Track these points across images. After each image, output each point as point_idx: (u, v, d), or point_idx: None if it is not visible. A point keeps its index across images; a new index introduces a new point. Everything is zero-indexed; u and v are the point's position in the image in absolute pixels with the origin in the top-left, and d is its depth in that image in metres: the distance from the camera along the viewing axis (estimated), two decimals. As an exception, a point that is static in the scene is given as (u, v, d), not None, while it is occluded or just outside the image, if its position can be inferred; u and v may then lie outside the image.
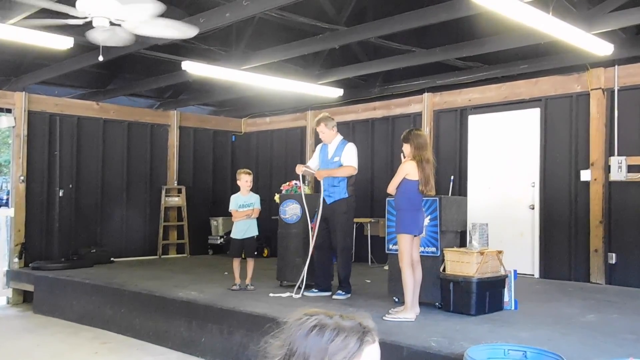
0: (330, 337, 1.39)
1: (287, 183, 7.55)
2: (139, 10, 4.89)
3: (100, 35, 5.48)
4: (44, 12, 5.67)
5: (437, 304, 5.86)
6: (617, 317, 5.66)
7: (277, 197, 7.47)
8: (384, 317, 5.32)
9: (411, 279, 5.38)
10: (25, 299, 9.06)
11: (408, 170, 5.36)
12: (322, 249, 6.66)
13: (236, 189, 7.37)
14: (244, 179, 7.21)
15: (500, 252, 5.85)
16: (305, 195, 7.06)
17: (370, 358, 1.41)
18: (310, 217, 6.70)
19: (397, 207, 5.50)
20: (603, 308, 6.09)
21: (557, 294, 6.98)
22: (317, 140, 9.77)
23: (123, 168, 10.69)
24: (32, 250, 9.42)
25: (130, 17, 4.99)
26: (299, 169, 6.70)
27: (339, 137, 6.75)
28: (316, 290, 6.65)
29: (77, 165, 10.12)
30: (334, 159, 6.62)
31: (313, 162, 6.88)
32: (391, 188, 5.47)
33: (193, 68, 7.73)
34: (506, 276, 5.85)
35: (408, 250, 5.39)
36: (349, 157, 6.57)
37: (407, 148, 5.50)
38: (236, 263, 7.14)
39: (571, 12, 6.24)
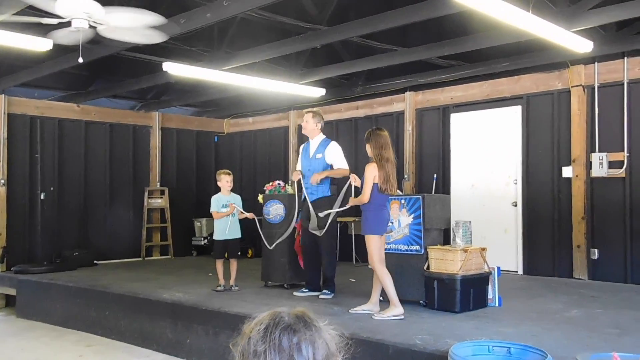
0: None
1: (271, 183, 7.52)
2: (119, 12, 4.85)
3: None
4: (23, 13, 5.59)
5: (421, 301, 5.88)
6: (600, 312, 5.72)
7: (260, 198, 7.44)
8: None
9: (388, 276, 5.42)
10: (7, 303, 8.95)
11: (373, 173, 5.43)
12: (310, 248, 6.65)
13: (219, 190, 7.34)
14: (225, 179, 7.19)
15: (483, 249, 5.89)
16: (290, 195, 7.04)
17: None
18: (295, 217, 6.71)
19: (362, 208, 5.56)
20: (586, 303, 6.15)
21: (541, 289, 7.03)
22: (300, 140, 9.78)
23: (105, 170, 10.61)
24: (14, 253, 9.31)
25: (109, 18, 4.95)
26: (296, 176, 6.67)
27: (322, 136, 6.75)
28: (306, 290, 6.65)
29: (59, 167, 10.03)
30: (316, 156, 6.62)
31: (298, 165, 6.88)
32: (366, 197, 5.47)
33: (174, 69, 7.68)
34: (490, 273, 5.89)
35: (377, 250, 5.45)
36: (340, 159, 6.59)
37: (368, 148, 5.57)
38: (219, 264, 7.11)
39: (551, 9, 6.29)
